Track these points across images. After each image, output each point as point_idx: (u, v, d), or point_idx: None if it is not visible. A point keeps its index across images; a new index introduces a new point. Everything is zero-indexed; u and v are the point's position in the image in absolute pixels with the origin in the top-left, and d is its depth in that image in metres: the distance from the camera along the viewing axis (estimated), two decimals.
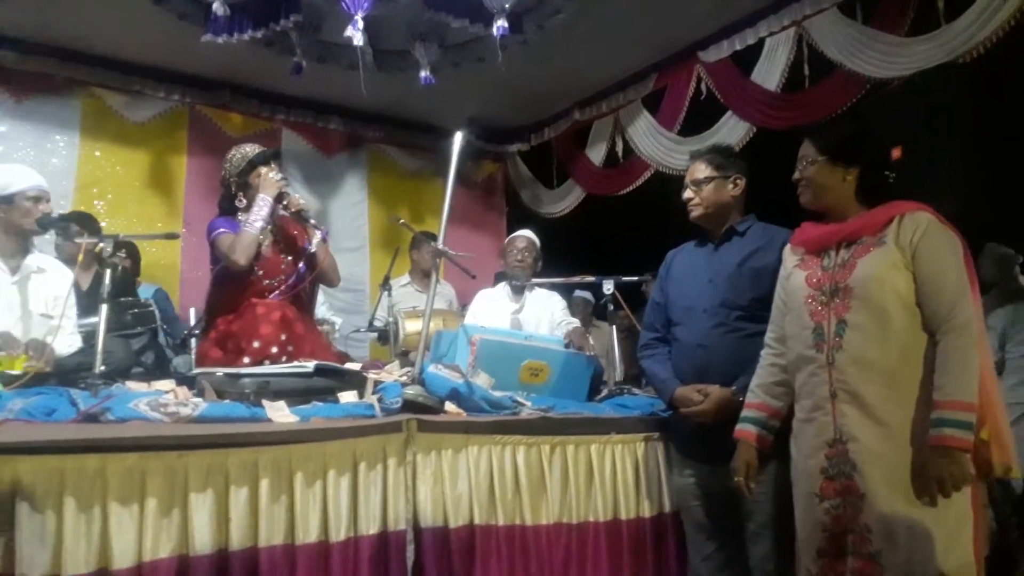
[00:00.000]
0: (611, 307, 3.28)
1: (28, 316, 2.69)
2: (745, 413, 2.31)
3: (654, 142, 5.22)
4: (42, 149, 4.80)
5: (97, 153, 5.11)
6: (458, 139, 2.61)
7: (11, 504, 1.61)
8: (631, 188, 5.45)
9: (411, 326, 4.09)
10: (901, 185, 2.21)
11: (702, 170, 2.61)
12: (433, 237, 3.42)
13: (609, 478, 2.57)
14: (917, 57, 3.81)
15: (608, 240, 5.37)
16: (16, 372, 2.34)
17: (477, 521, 2.26)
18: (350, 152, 6.19)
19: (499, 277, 5.31)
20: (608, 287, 3.26)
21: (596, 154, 5.75)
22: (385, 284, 4.67)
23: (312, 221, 3.00)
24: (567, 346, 3.12)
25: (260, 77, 5.37)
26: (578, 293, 5.62)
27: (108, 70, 5.06)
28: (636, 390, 3.25)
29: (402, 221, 3.58)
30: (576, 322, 3.61)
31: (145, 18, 4.33)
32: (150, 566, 1.73)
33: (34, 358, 2.44)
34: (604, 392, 3.18)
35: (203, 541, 1.79)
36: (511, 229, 4.06)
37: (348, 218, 6.00)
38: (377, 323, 4.71)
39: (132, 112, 5.23)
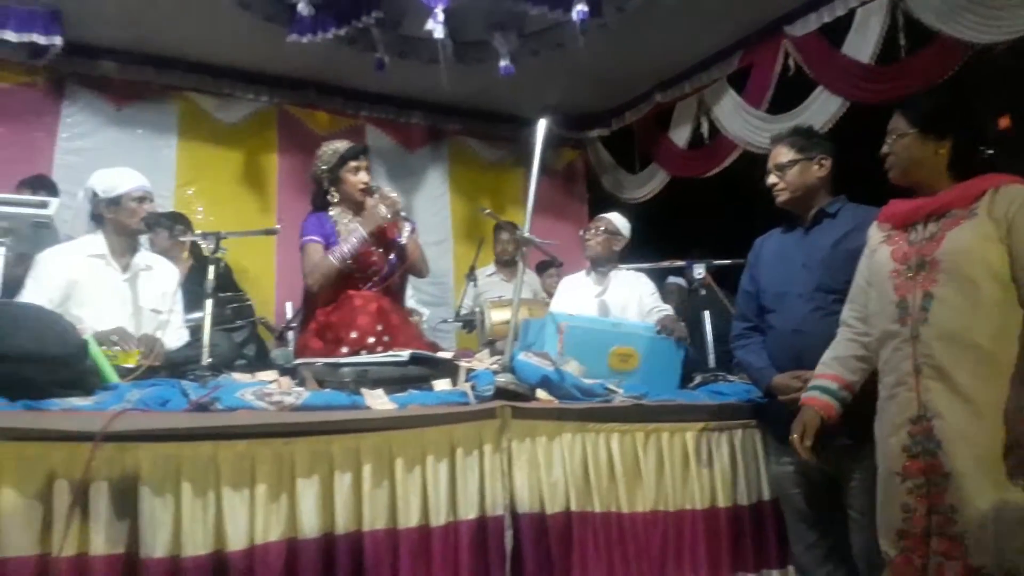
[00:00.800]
0: (703, 291, 3.22)
1: (139, 312, 2.83)
2: (814, 382, 2.24)
3: (741, 121, 5.09)
4: (143, 152, 5.04)
5: (193, 154, 5.35)
6: (542, 127, 2.60)
7: (134, 489, 1.71)
8: (718, 169, 5.34)
9: (498, 315, 4.12)
10: (1008, 155, 2.10)
11: (784, 154, 2.55)
12: (517, 227, 3.44)
13: (705, 466, 2.55)
14: (1021, 20, 3.59)
15: (696, 224, 5.28)
16: (130, 365, 2.48)
17: (573, 508, 2.26)
18: (432, 146, 6.27)
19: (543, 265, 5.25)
20: (699, 271, 3.21)
21: (680, 136, 5.67)
22: (471, 274, 4.73)
23: (403, 214, 3.08)
24: (659, 333, 3.09)
25: (344, 75, 5.51)
26: (671, 279, 5.56)
27: (200, 75, 5.30)
28: (731, 376, 3.19)
29: (488, 211, 3.60)
30: (668, 308, 3.57)
31: (233, 23, 4.50)
32: (261, 549, 1.80)
33: (146, 352, 2.57)
34: (697, 379, 3.14)
35: (310, 525, 1.86)
36: (593, 216, 4.05)
37: (431, 211, 6.09)
38: (463, 313, 4.78)
39: (224, 114, 5.44)
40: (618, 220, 3.75)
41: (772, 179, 2.57)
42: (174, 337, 2.84)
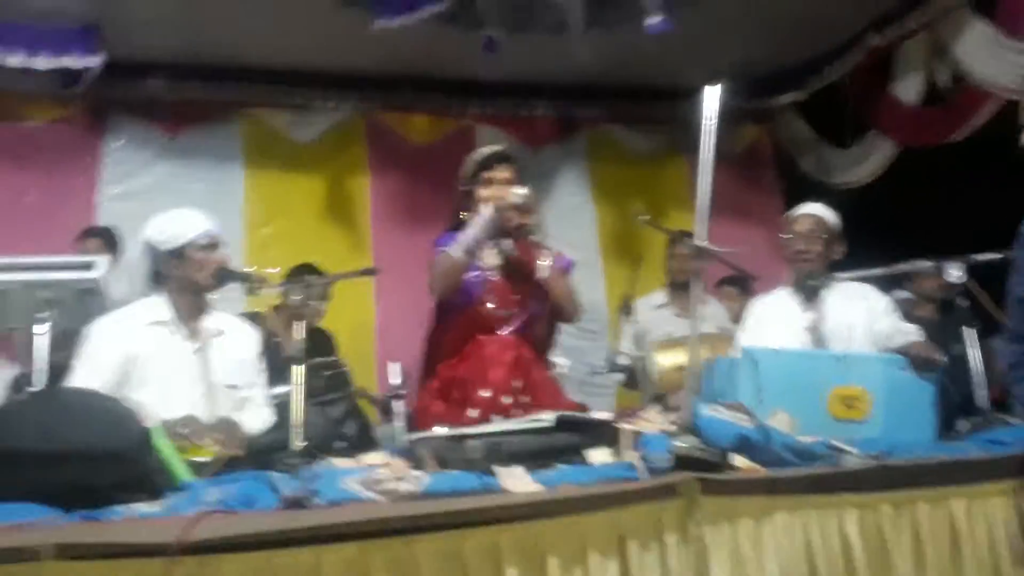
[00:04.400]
0: (962, 303, 3.08)
1: (213, 389, 3.00)
2: None
3: (997, 60, 4.83)
4: (204, 188, 5.41)
5: (265, 184, 5.69)
6: (711, 96, 2.59)
7: None
8: (967, 131, 5.13)
9: (666, 359, 4.08)
10: None
11: None
12: (688, 235, 3.43)
13: (985, 547, 2.41)
14: None
15: (940, 212, 5.05)
16: (205, 459, 2.62)
17: None
18: (563, 140, 6.39)
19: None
20: (956, 273, 3.07)
21: (908, 89, 5.50)
22: (627, 308, 4.69)
23: (535, 239, 3.16)
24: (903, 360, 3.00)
25: (445, 65, 5.71)
26: (896, 294, 5.34)
27: (268, 85, 5.66)
28: (1011, 419, 3.04)
29: (647, 218, 3.61)
30: (914, 329, 3.42)
31: (303, 15, 4.77)
32: None
33: (224, 440, 2.71)
34: (967, 426, 3.05)
35: None
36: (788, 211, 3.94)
37: (571, 225, 6.13)
38: (620, 360, 4.73)
39: (299, 131, 5.77)
40: (824, 214, 3.65)
41: None
42: (256, 418, 2.99)
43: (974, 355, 3.14)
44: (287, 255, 5.43)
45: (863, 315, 3.50)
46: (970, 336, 3.14)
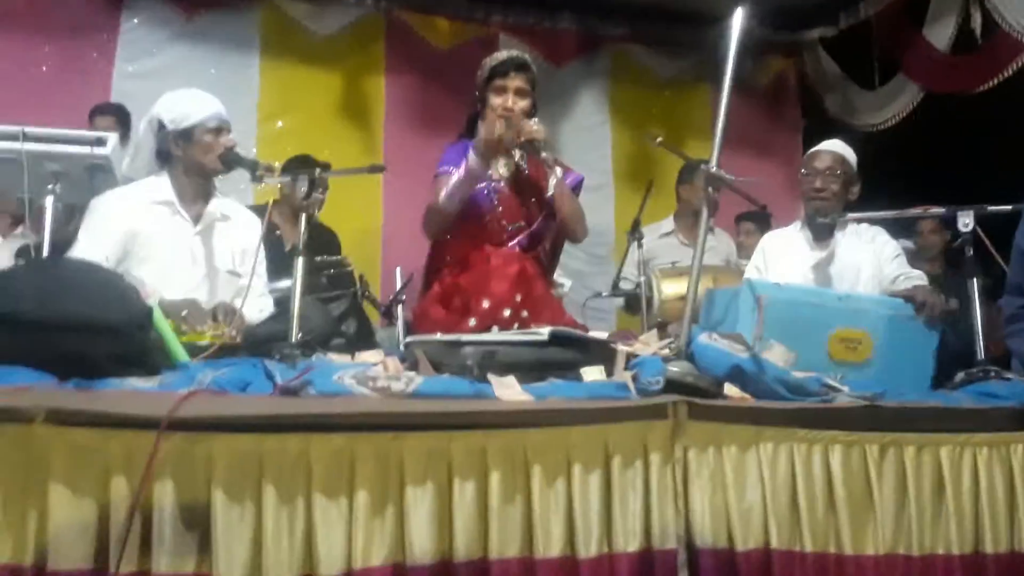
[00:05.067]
0: (970, 252, 3.06)
1: (214, 273, 3.03)
2: None
3: None
4: (218, 74, 5.38)
5: (280, 76, 5.64)
6: (738, 19, 2.55)
7: (206, 491, 1.82)
8: (996, 81, 5.10)
9: (670, 288, 4.11)
10: None
11: None
12: (704, 163, 3.41)
13: (969, 495, 2.43)
14: None
15: (959, 163, 5.01)
16: (203, 343, 2.65)
17: (775, 544, 2.21)
18: (586, 58, 6.33)
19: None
20: (966, 222, 3.05)
21: (940, 34, 5.46)
22: (634, 231, 4.68)
23: (545, 155, 3.14)
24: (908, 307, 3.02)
25: None
26: (901, 242, 5.33)
27: None
28: (1009, 374, 3.05)
29: (660, 140, 3.59)
30: (920, 275, 3.42)
31: None
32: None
33: (223, 324, 2.73)
34: (961, 376, 3.02)
35: (422, 547, 1.91)
36: (809, 148, 3.91)
37: (586, 146, 6.11)
38: (624, 284, 4.73)
39: (318, 23, 5.68)
40: (845, 151, 3.61)
41: None
42: (256, 307, 3.01)
43: (976, 308, 3.13)
44: (298, 149, 5.40)
45: (871, 257, 3.50)
46: (973, 288, 3.12)
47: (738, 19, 2.54)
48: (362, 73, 5.82)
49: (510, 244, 3.13)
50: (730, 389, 2.41)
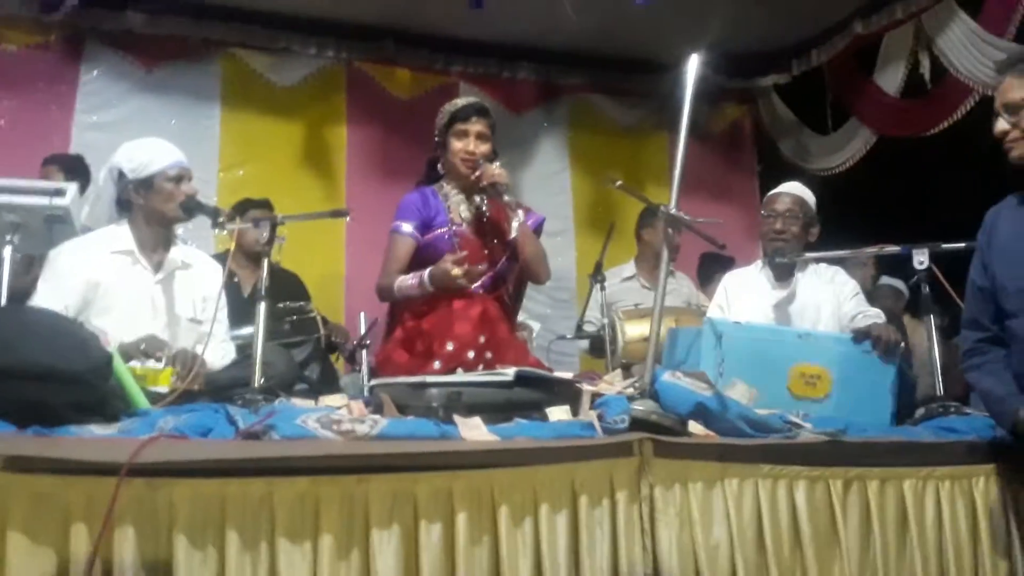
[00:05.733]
0: (926, 289, 3.11)
1: (175, 321, 3.00)
2: None
3: (976, 55, 4.92)
4: (179, 125, 5.36)
5: (242, 126, 5.65)
6: (692, 65, 2.60)
7: (168, 537, 1.79)
8: (945, 124, 5.19)
9: (634, 329, 4.12)
10: None
11: (1018, 88, 2.46)
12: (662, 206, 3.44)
13: (932, 527, 2.47)
14: None
15: (913, 202, 5.11)
16: (163, 389, 2.62)
17: None
18: (545, 106, 6.39)
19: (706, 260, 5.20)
20: (920, 259, 3.10)
21: (890, 80, 5.56)
22: (597, 274, 4.70)
23: (508, 199, 3.20)
24: (861, 341, 3.05)
25: (430, 20, 5.67)
26: (885, 280, 5.41)
27: (249, 25, 5.57)
28: (968, 409, 3.11)
29: (620, 183, 3.63)
30: (877, 313, 3.46)
31: None
32: None
33: (183, 372, 2.70)
34: (921, 411, 3.09)
35: None
36: (765, 193, 3.96)
37: (546, 192, 6.16)
38: (588, 327, 4.74)
39: (279, 75, 5.72)
40: (803, 193, 3.67)
41: (1002, 125, 2.51)
42: (218, 353, 2.98)
43: (934, 343, 3.17)
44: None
45: (831, 296, 3.54)
46: (931, 324, 3.17)
47: (693, 65, 2.59)
48: (323, 123, 5.84)
49: (473, 287, 3.13)
50: (694, 427, 2.42)
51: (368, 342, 3.93)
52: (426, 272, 3.08)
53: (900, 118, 5.52)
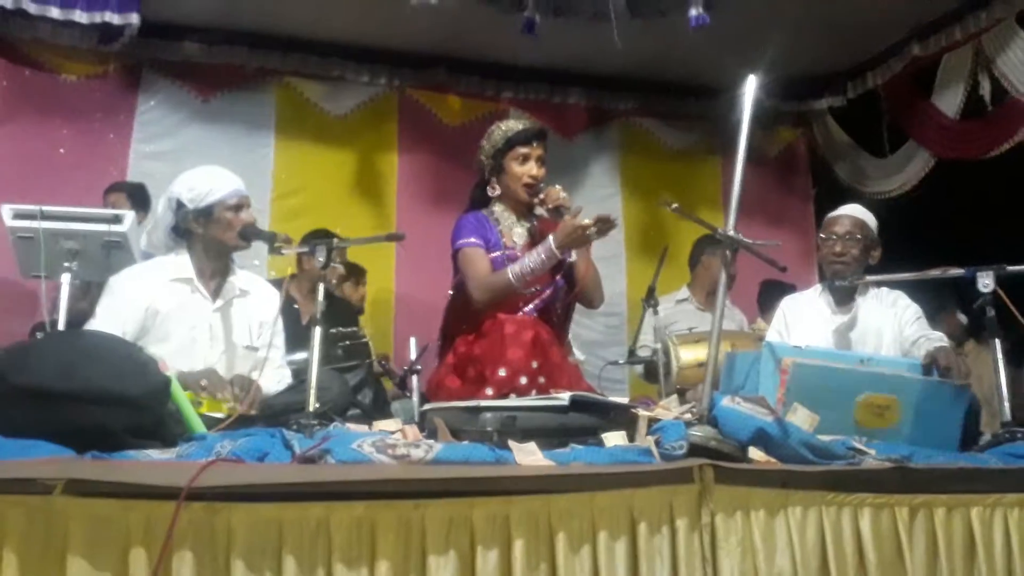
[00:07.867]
0: (991, 312, 3.04)
1: (232, 349, 3.02)
2: None
3: None
4: (234, 153, 5.42)
5: (295, 154, 5.72)
6: (750, 86, 2.58)
7: (226, 562, 1.80)
8: (1007, 146, 5.10)
9: (688, 354, 4.08)
10: None
11: None
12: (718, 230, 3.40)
13: (1001, 556, 2.40)
14: None
15: (976, 224, 5.02)
16: (220, 415, 2.64)
17: None
18: (596, 131, 6.40)
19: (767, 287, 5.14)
20: (986, 282, 3.03)
21: (949, 102, 5.48)
22: (650, 297, 4.67)
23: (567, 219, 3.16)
24: (928, 370, 2.99)
25: (482, 46, 5.71)
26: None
27: (303, 54, 5.65)
28: None
29: (675, 205, 3.63)
30: (941, 337, 3.39)
31: None
32: None
33: (240, 396, 2.72)
34: (987, 438, 3.02)
35: None
36: (820, 217, 3.91)
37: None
38: (641, 352, 4.70)
39: (333, 103, 5.80)
40: (864, 216, 3.61)
41: None
42: (273, 379, 3.00)
43: (1000, 368, 3.10)
44: (312, 226, 5.46)
45: (892, 321, 3.47)
46: (996, 348, 3.10)
47: (750, 87, 2.57)
48: (375, 150, 5.89)
49: (524, 310, 3.11)
50: (755, 453, 2.38)
51: (419, 367, 3.93)
52: (548, 240, 3.07)
53: (960, 140, 5.44)
